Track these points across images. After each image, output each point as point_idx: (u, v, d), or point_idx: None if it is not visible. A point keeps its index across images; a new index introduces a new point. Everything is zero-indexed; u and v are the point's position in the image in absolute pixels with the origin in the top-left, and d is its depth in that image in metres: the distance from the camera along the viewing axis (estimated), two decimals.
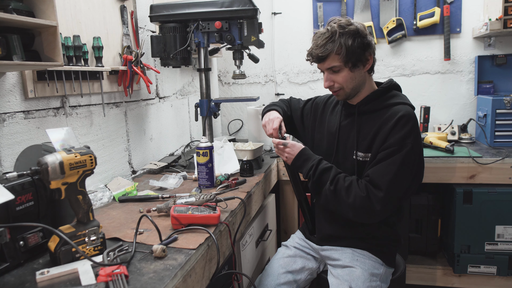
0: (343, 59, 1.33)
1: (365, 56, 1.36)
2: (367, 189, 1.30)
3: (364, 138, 1.40)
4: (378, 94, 1.42)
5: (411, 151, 1.29)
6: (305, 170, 1.44)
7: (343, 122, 1.49)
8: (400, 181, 1.30)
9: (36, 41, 1.14)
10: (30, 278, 0.89)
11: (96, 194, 1.44)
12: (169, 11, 1.82)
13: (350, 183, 1.34)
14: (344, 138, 1.47)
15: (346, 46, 1.31)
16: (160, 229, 1.07)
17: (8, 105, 1.21)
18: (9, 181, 0.91)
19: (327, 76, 1.41)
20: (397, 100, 1.39)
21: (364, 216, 1.34)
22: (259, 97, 2.13)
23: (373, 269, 1.41)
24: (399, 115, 1.31)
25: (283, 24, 2.86)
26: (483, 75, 2.51)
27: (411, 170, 1.32)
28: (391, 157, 1.30)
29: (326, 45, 1.34)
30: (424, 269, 2.19)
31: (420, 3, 2.57)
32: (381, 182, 1.29)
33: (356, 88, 1.41)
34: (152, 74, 2.05)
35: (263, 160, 2.07)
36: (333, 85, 1.41)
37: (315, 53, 1.38)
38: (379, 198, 1.28)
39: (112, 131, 1.72)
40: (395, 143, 1.30)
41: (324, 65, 1.39)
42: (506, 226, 1.98)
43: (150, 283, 0.85)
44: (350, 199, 1.31)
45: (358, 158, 1.41)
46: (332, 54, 1.34)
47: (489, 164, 1.96)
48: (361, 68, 1.37)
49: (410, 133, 1.30)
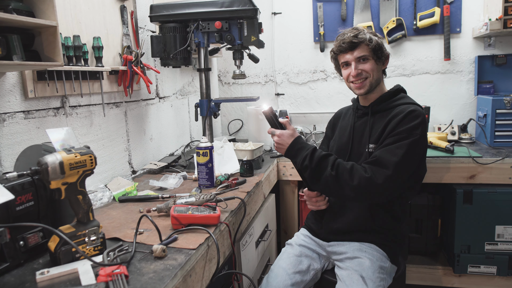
0: (372, 51, 1.47)
1: (384, 55, 1.51)
2: (371, 170, 1.35)
3: (376, 131, 1.48)
4: (389, 95, 1.53)
5: (418, 141, 1.36)
6: (299, 159, 1.44)
7: (356, 122, 1.58)
8: (406, 165, 1.35)
9: (36, 41, 1.14)
10: (30, 278, 0.89)
11: (96, 194, 1.44)
12: (169, 11, 1.83)
13: (352, 166, 1.38)
14: (358, 136, 1.55)
15: (374, 39, 1.47)
16: (160, 229, 1.07)
17: (8, 105, 1.21)
18: (9, 181, 0.91)
19: (355, 65, 1.49)
20: (407, 101, 1.49)
21: (368, 196, 1.37)
22: (259, 97, 2.13)
23: (380, 261, 1.43)
24: (410, 109, 1.41)
25: (283, 24, 2.86)
26: (483, 75, 2.51)
27: (416, 159, 1.39)
28: (399, 142, 1.36)
29: (357, 35, 1.46)
30: (424, 269, 2.19)
31: (420, 3, 2.56)
32: (388, 162, 1.34)
33: (378, 81, 1.51)
34: (152, 74, 2.05)
35: (263, 160, 2.07)
36: (361, 73, 1.48)
37: (347, 40, 1.47)
38: (386, 176, 1.32)
39: (112, 131, 1.72)
40: (404, 131, 1.37)
41: (353, 54, 1.48)
42: (506, 226, 1.98)
43: (150, 283, 0.85)
44: (355, 181, 1.34)
45: (369, 150, 1.47)
46: (363, 43, 1.46)
47: (489, 164, 1.96)
48: (381, 65, 1.51)
49: (419, 125, 1.38)
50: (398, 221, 1.50)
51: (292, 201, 2.30)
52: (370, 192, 1.34)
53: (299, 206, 2.30)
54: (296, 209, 2.31)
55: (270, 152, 2.36)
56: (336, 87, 2.83)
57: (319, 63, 2.84)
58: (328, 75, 2.83)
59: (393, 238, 1.49)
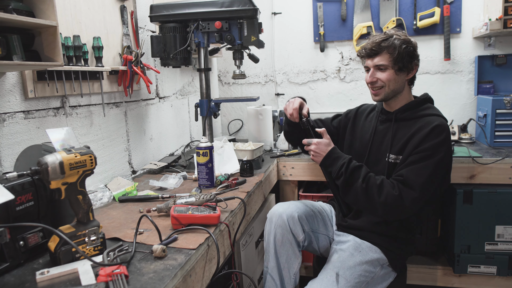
0: (392, 60, 1.43)
1: (411, 65, 1.46)
2: (399, 188, 1.36)
3: (398, 141, 1.47)
4: (415, 104, 1.51)
5: (443, 158, 1.37)
6: (335, 168, 1.48)
7: (379, 127, 1.57)
8: (431, 185, 1.37)
9: (36, 41, 1.14)
10: (30, 278, 0.89)
11: (96, 194, 1.44)
12: (169, 11, 1.82)
13: (381, 181, 1.40)
14: (378, 142, 1.55)
15: (398, 49, 1.41)
16: (160, 229, 1.07)
17: (8, 105, 1.21)
18: (9, 181, 0.91)
19: (372, 73, 1.48)
20: (433, 112, 1.47)
21: (393, 214, 1.40)
22: (259, 97, 2.13)
23: (371, 265, 1.44)
24: (435, 124, 1.39)
25: (283, 24, 2.86)
26: (483, 75, 2.51)
27: (440, 177, 1.40)
28: (425, 161, 1.36)
29: (381, 43, 1.43)
30: (424, 269, 2.19)
31: (420, 3, 2.56)
32: (415, 183, 1.35)
33: (395, 91, 1.49)
34: (152, 74, 2.05)
35: (263, 160, 2.07)
36: (376, 82, 1.48)
37: (368, 47, 1.45)
38: (413, 198, 1.34)
39: (112, 131, 1.72)
40: (429, 148, 1.37)
41: (373, 61, 1.47)
42: (506, 226, 1.98)
43: (150, 283, 0.85)
44: (382, 198, 1.37)
45: (389, 160, 1.47)
46: (384, 52, 1.43)
47: (489, 164, 1.96)
48: (404, 75, 1.47)
49: (443, 142, 1.37)
50: (410, 231, 1.52)
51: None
52: (397, 211, 1.38)
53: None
54: None
55: (270, 152, 2.36)
56: (336, 87, 2.83)
57: (319, 63, 2.84)
58: (328, 75, 2.83)
59: (400, 245, 1.50)
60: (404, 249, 1.51)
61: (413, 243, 1.55)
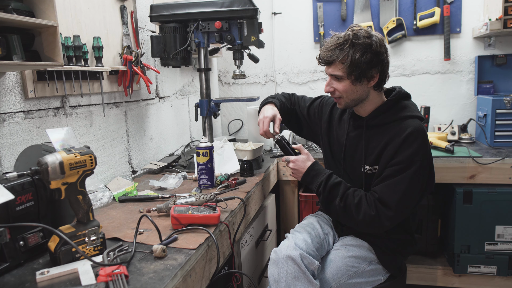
0: (347, 70, 1.31)
1: (370, 73, 1.31)
2: (376, 206, 1.32)
3: (372, 152, 1.40)
4: (386, 107, 1.40)
5: (419, 168, 1.30)
6: (314, 186, 1.45)
7: (351, 133, 1.48)
8: (409, 199, 1.32)
9: (36, 41, 1.14)
10: (30, 278, 0.89)
11: (96, 194, 1.44)
12: (169, 11, 1.82)
13: (359, 199, 1.35)
14: (351, 150, 1.48)
15: (352, 58, 1.28)
16: (160, 229, 1.07)
17: (8, 105, 1.21)
18: (9, 181, 0.91)
19: (329, 82, 1.40)
20: (406, 113, 1.37)
21: (373, 230, 1.41)
22: (259, 97, 2.13)
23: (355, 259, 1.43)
24: (407, 132, 1.30)
25: (283, 24, 2.86)
26: (483, 75, 2.51)
27: (419, 187, 1.33)
28: (400, 174, 1.30)
29: (334, 50, 1.32)
30: (424, 269, 2.19)
31: (420, 3, 2.56)
32: (390, 201, 1.30)
33: (357, 100, 1.39)
34: (152, 74, 2.05)
35: (263, 160, 2.07)
36: (333, 92, 1.40)
37: (322, 55, 1.38)
38: (388, 217, 1.31)
39: (112, 131, 1.72)
40: (404, 160, 1.30)
41: (328, 70, 1.39)
42: (506, 226, 1.98)
43: (150, 283, 0.85)
44: (360, 217, 1.34)
45: (365, 171, 1.43)
46: (337, 61, 1.32)
47: (489, 164, 1.96)
48: (364, 83, 1.34)
49: (418, 150, 1.30)
50: (409, 234, 1.51)
51: (292, 201, 2.30)
52: (375, 228, 1.37)
53: (299, 206, 2.30)
54: (296, 209, 2.31)
55: (270, 152, 2.36)
56: None
57: None
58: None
59: (396, 246, 1.48)
60: (401, 250, 1.50)
61: (411, 243, 1.53)
